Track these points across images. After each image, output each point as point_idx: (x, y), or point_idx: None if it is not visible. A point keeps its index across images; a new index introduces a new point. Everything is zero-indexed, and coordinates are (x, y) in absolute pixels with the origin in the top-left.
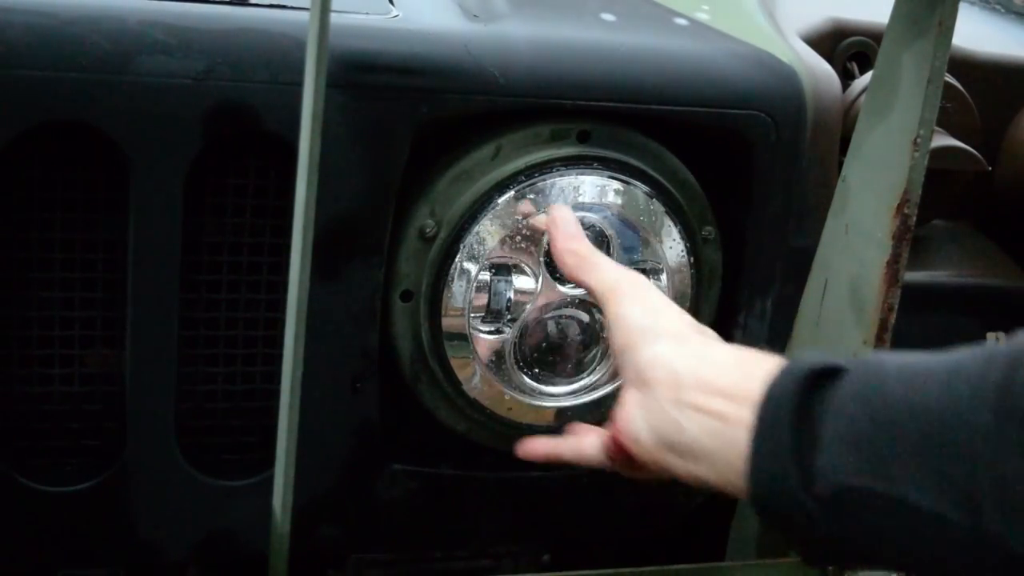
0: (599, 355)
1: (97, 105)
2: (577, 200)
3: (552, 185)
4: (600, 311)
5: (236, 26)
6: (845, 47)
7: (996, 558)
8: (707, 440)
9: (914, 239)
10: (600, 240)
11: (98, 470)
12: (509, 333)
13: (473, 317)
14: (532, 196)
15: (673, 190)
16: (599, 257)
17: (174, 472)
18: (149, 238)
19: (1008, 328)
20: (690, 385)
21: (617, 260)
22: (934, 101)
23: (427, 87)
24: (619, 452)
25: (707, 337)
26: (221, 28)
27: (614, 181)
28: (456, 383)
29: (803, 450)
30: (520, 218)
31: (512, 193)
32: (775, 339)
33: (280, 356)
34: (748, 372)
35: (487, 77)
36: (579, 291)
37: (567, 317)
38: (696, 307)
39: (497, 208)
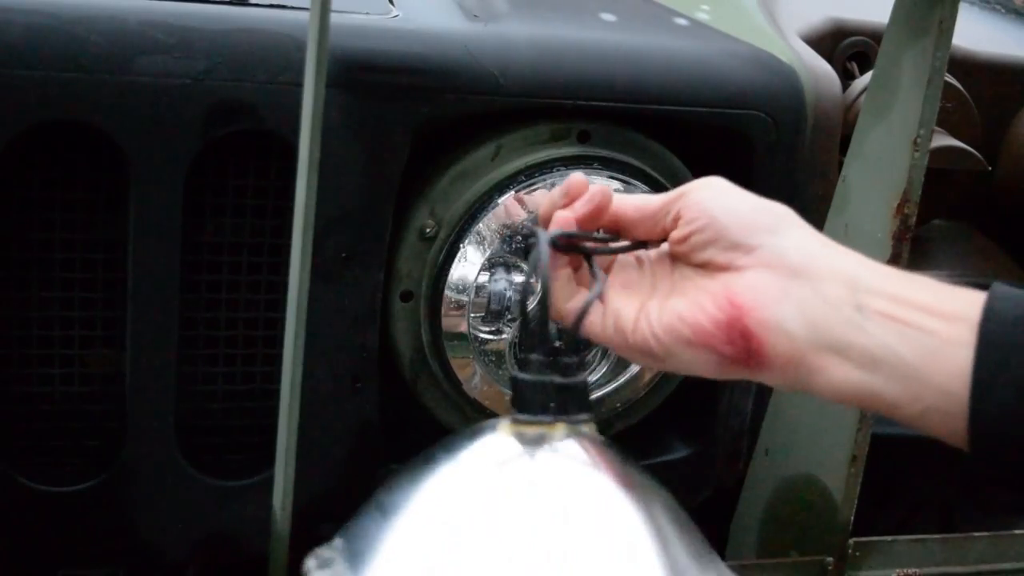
0: (599, 355)
1: (97, 105)
2: None
3: (552, 185)
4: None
5: (236, 26)
6: (845, 47)
7: None
8: (906, 355)
9: (914, 239)
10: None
11: (98, 470)
12: (509, 333)
13: (473, 317)
14: (532, 196)
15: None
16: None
17: (174, 472)
18: (149, 238)
19: None
20: (873, 291)
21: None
22: (934, 101)
23: (427, 87)
24: (738, 339)
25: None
26: (221, 28)
27: (614, 181)
28: (456, 383)
29: None
30: (520, 218)
31: (512, 193)
32: None
33: (280, 356)
34: (942, 293)
35: (487, 77)
36: None
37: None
38: None
39: (497, 208)
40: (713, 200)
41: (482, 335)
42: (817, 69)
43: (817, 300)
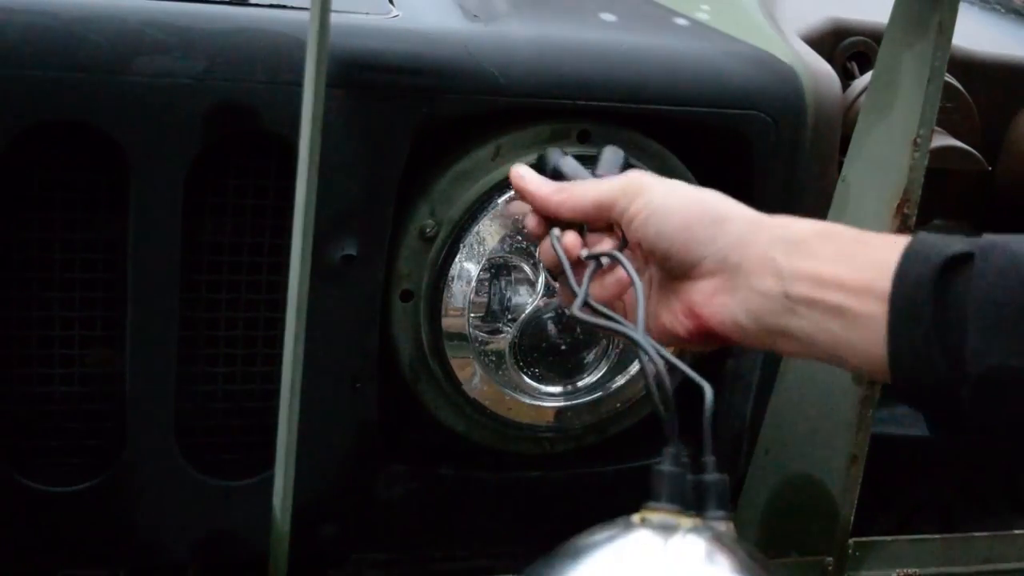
0: (598, 355)
1: (97, 105)
2: None
3: None
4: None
5: (236, 26)
6: (845, 47)
7: None
8: (834, 330)
9: None
10: None
11: (98, 470)
12: (509, 333)
13: (473, 317)
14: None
15: None
16: (588, 182)
17: (174, 472)
18: (149, 238)
19: None
20: (795, 277)
21: None
22: (934, 101)
23: (427, 87)
24: (709, 339)
25: (767, 215)
26: (221, 28)
27: None
28: (456, 383)
29: (948, 337)
30: (520, 218)
31: (512, 193)
32: None
33: (280, 356)
34: (857, 263)
35: (487, 77)
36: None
37: (567, 317)
38: None
39: (497, 208)
40: (645, 226)
41: (482, 335)
42: (817, 69)
43: (755, 296)
